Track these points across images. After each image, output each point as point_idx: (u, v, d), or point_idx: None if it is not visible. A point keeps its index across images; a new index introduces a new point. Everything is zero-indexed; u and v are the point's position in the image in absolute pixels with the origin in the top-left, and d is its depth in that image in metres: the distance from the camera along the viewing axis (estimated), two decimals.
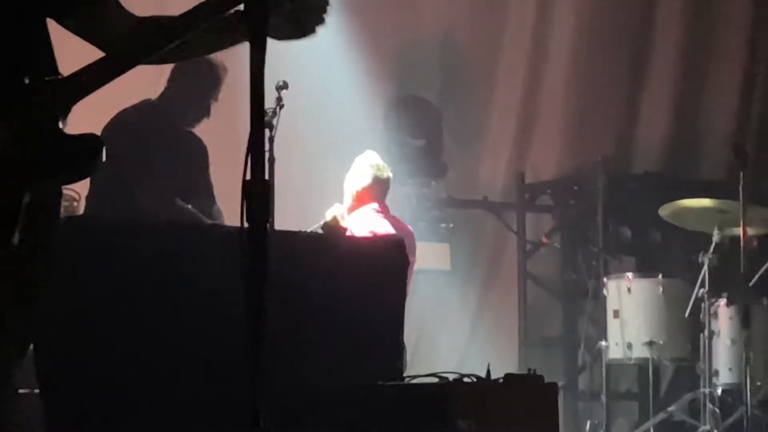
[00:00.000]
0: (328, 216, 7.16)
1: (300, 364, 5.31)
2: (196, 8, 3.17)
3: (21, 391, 5.08)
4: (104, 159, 3.14)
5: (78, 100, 3.18)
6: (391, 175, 7.49)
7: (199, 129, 7.04)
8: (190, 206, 6.79)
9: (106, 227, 5.44)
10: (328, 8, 3.22)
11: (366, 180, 7.36)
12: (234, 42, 3.27)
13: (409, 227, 7.59)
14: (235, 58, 3.20)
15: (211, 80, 6.91)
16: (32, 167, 3.10)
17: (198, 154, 7.02)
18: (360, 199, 7.33)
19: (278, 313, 3.19)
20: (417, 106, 9.60)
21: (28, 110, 3.11)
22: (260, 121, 2.72)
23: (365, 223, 7.18)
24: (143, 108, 6.86)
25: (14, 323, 3.20)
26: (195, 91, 6.93)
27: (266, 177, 2.70)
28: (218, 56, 6.66)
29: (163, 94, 6.95)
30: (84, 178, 3.25)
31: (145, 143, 6.76)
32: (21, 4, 3.20)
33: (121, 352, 5.11)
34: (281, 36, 3.21)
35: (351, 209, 7.29)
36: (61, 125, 3.15)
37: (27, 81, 3.11)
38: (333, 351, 5.50)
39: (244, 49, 2.88)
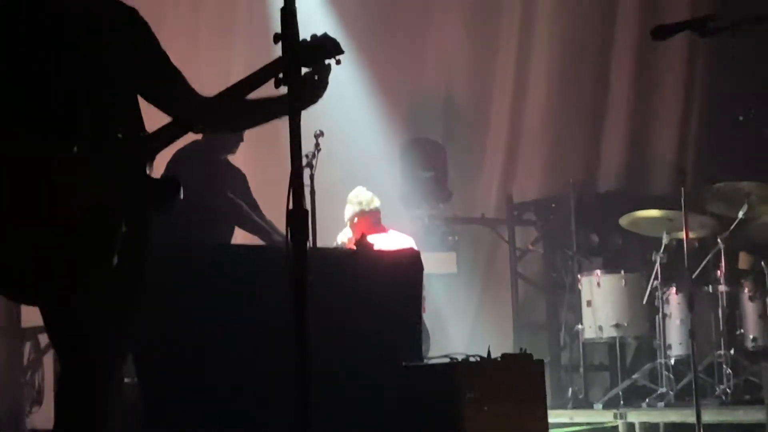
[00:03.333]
0: (339, 239, 7.37)
1: (341, 352, 5.29)
2: (240, 83, 3.26)
3: (126, 380, 5.09)
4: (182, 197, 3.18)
5: (159, 151, 3.26)
6: (378, 204, 7.50)
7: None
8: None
9: (187, 250, 5.41)
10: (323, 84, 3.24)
11: (355, 212, 7.46)
12: (273, 118, 3.31)
13: (411, 242, 7.49)
14: None
15: None
16: (128, 203, 3.13)
17: (238, 179, 6.86)
18: (357, 227, 7.38)
19: (324, 312, 3.18)
20: (426, 145, 9.58)
21: (125, 158, 3.14)
22: (299, 163, 2.71)
23: (380, 241, 7.16)
24: (194, 144, 6.69)
25: (120, 328, 3.22)
26: None
27: (306, 206, 2.68)
28: None
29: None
30: (166, 212, 3.26)
31: (198, 170, 6.61)
32: (124, 87, 3.31)
33: (203, 355, 5.07)
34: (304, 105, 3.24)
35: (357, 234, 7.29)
36: (148, 170, 3.20)
37: (121, 136, 3.17)
38: (367, 340, 5.49)
39: None
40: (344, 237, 7.42)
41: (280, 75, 2.92)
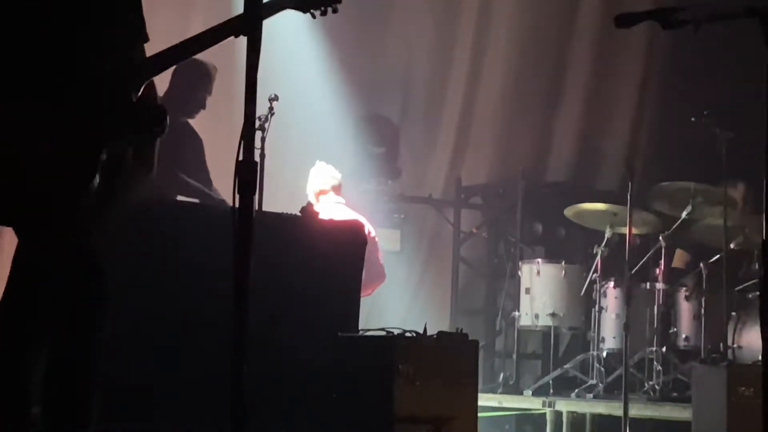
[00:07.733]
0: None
1: (278, 317, 5.24)
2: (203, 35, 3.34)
3: None
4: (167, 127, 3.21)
5: (143, 82, 3.30)
6: (339, 177, 7.49)
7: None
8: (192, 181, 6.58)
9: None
10: None
11: (322, 185, 7.44)
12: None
13: (361, 216, 7.48)
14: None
15: (203, 77, 6.58)
16: (110, 128, 3.14)
17: (194, 143, 6.68)
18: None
19: (263, 276, 3.12)
20: (380, 121, 9.55)
21: (108, 84, 3.17)
22: (252, 106, 2.60)
23: (328, 212, 7.14)
24: None
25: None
26: (191, 88, 6.54)
27: (255, 160, 2.62)
28: (208, 57, 6.45)
29: (167, 91, 6.44)
30: (152, 139, 3.31)
31: None
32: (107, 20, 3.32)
33: (140, 314, 4.93)
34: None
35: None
36: (133, 97, 3.24)
37: (108, 66, 3.21)
38: (304, 308, 5.44)
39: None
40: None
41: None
